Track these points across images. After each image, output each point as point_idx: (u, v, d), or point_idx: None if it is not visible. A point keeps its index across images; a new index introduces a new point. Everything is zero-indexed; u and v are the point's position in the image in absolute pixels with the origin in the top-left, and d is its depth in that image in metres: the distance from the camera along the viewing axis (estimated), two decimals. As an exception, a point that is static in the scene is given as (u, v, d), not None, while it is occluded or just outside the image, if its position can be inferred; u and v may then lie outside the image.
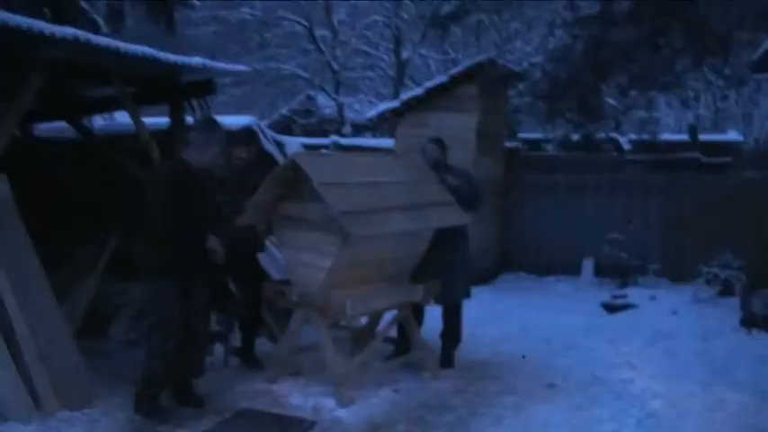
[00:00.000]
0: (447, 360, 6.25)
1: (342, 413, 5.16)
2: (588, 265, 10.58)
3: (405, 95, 10.77)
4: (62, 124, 8.34)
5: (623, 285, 9.76)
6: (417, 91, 10.56)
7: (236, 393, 5.49)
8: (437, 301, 6.16)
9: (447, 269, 6.05)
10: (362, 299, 5.40)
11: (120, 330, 7.12)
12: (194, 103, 7.37)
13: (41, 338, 5.10)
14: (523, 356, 6.62)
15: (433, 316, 6.37)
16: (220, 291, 6.08)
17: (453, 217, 5.90)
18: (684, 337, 7.22)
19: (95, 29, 9.90)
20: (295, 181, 5.37)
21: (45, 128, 9.00)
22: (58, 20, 7.92)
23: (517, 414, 5.18)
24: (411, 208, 5.55)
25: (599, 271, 10.52)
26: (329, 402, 5.25)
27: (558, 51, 9.97)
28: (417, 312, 6.21)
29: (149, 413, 4.98)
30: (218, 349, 6.34)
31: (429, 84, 10.49)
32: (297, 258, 5.51)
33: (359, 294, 5.39)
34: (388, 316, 6.15)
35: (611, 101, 12.96)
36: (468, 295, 6.31)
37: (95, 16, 10.77)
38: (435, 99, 10.39)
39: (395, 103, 10.74)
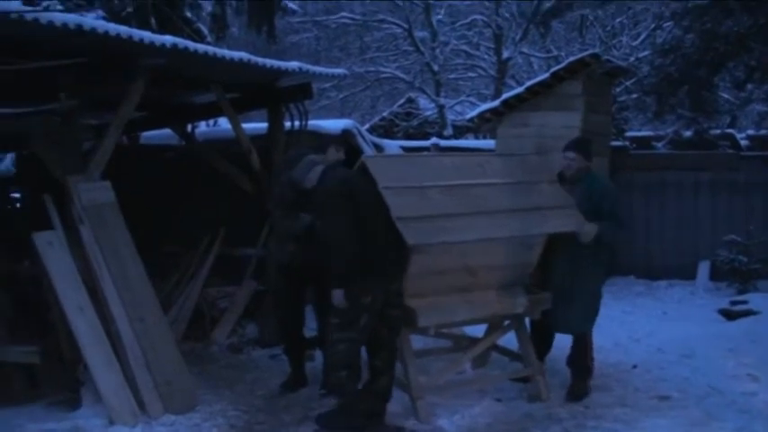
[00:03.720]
0: (571, 392, 5.53)
1: (443, 422, 5.01)
2: (704, 269, 10.03)
3: (506, 95, 10.49)
4: (167, 132, 8.55)
5: (742, 291, 9.17)
6: (518, 90, 10.27)
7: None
8: (556, 328, 5.65)
9: (571, 285, 5.44)
10: (437, 310, 5.06)
11: (224, 334, 7.20)
12: (292, 108, 7.38)
13: (146, 343, 5.17)
14: (634, 366, 6.27)
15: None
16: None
17: (566, 222, 5.33)
18: (813, 346, 6.69)
19: (200, 38, 10.11)
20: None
21: (151, 135, 9.26)
22: (163, 29, 8.14)
23: (627, 428, 4.90)
24: (508, 212, 5.21)
25: (715, 275, 9.95)
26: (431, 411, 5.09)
27: (668, 44, 9.46)
28: (544, 329, 5.73)
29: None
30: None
31: (530, 82, 10.18)
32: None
33: (435, 305, 5.06)
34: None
35: (725, 95, 12.30)
36: (593, 323, 5.63)
37: (200, 25, 11.02)
38: (537, 98, 10.05)
39: (495, 103, 10.47)
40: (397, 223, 4.69)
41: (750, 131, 13.23)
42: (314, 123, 8.06)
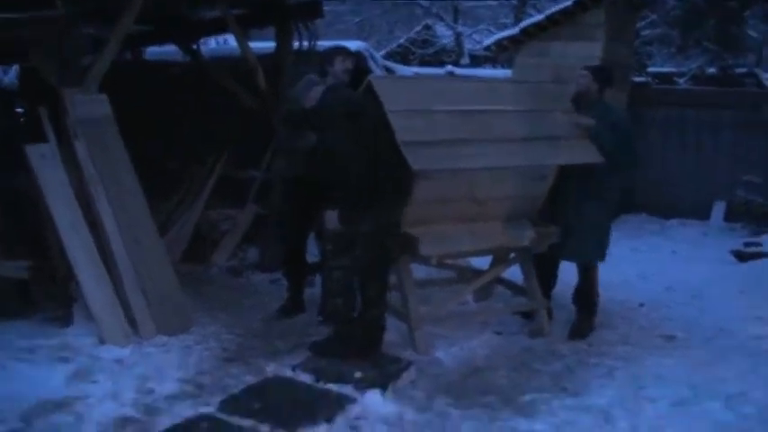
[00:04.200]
0: (575, 329, 5.37)
1: (441, 354, 4.89)
2: (719, 209, 9.81)
3: (525, 22, 10.12)
4: (174, 48, 8.28)
5: (757, 232, 8.95)
6: (538, 17, 9.89)
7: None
8: (562, 256, 5.45)
9: (578, 219, 5.22)
10: (440, 239, 4.83)
11: (224, 257, 7.09)
12: (301, 27, 7.09)
13: (140, 264, 5.05)
14: (641, 304, 6.12)
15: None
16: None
17: (580, 154, 5.07)
18: (827, 291, 6.51)
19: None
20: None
21: (157, 51, 8.99)
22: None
23: (629, 366, 4.76)
24: (519, 141, 4.96)
25: (731, 216, 9.73)
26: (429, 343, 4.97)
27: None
28: (550, 264, 5.57)
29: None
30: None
31: (551, 10, 9.80)
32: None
33: (438, 234, 4.84)
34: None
35: (752, 33, 11.84)
36: (601, 255, 5.39)
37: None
38: (558, 26, 9.70)
39: (514, 31, 10.11)
40: (402, 147, 4.46)
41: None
42: (322, 44, 7.76)
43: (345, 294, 4.72)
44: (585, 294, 5.46)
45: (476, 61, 17.89)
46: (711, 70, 11.26)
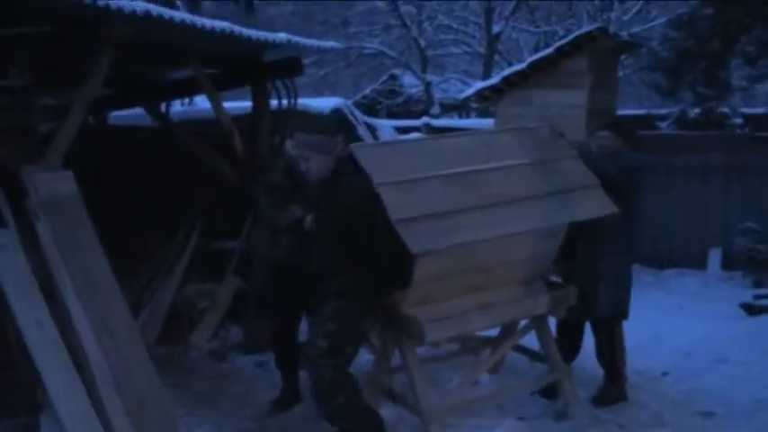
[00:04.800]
0: (598, 396, 5.03)
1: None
2: (715, 257, 9.45)
3: (506, 71, 9.79)
4: (139, 111, 7.73)
5: (758, 282, 8.59)
6: (520, 66, 9.58)
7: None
8: (586, 316, 5.01)
9: (593, 273, 4.89)
10: (447, 318, 4.29)
11: (204, 338, 6.45)
12: (279, 85, 6.62)
13: (116, 361, 4.42)
14: (665, 374, 5.65)
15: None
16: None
17: (593, 206, 4.61)
18: None
19: (172, 7, 9.26)
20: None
21: (120, 116, 8.41)
22: (132, -2, 7.30)
23: (676, 456, 4.26)
24: (526, 200, 4.43)
25: (728, 264, 9.37)
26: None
27: (686, 16, 8.80)
28: (576, 328, 5.15)
29: None
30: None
31: (533, 57, 9.50)
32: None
33: (444, 313, 4.31)
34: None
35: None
36: (622, 311, 5.08)
37: (172, -4, 10.19)
38: (540, 74, 9.41)
39: (495, 80, 9.78)
40: (398, 227, 3.88)
41: (744, 110, 12.62)
42: (300, 102, 7.30)
43: (343, 390, 4.16)
44: (609, 356, 5.04)
45: (445, 110, 17.63)
46: (695, 112, 11.01)
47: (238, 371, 5.91)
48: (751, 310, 7.46)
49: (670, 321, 7.25)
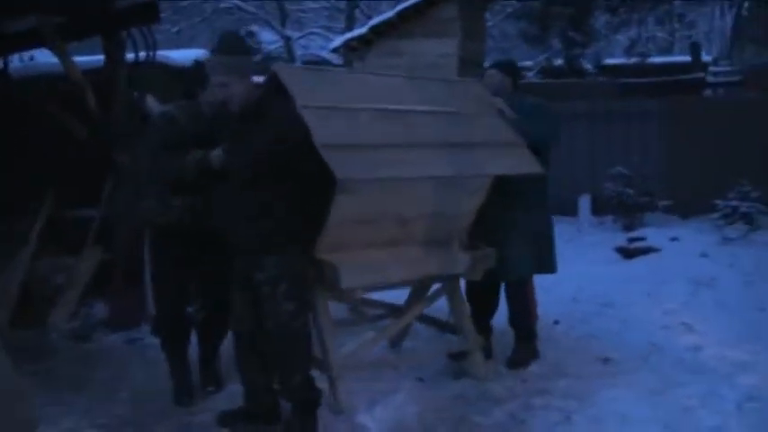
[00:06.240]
0: (514, 358, 4.75)
1: (364, 417, 4.01)
2: (585, 203, 9.59)
3: (374, 20, 9.45)
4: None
5: (629, 225, 8.77)
6: (388, 15, 9.26)
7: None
8: (497, 276, 4.70)
9: (508, 232, 4.62)
10: (365, 268, 3.97)
11: (63, 317, 5.81)
12: (135, 34, 5.98)
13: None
14: (556, 322, 5.56)
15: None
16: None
17: (518, 162, 4.35)
18: (728, 284, 6.28)
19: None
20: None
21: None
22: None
23: (583, 405, 4.10)
24: (453, 147, 4.14)
25: (597, 209, 9.54)
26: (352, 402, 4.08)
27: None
28: (491, 292, 4.91)
29: None
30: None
31: (401, 6, 9.20)
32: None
33: (362, 261, 3.99)
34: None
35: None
36: (538, 268, 4.83)
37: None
38: (409, 23, 9.14)
39: (362, 30, 9.42)
40: (323, 152, 3.53)
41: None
42: (162, 55, 6.70)
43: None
44: (523, 317, 4.85)
45: (307, 67, 17.10)
46: (558, 62, 11.10)
47: (106, 351, 5.36)
48: (627, 253, 7.59)
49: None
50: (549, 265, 4.90)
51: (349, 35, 9.71)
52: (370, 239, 4.06)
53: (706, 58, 14.09)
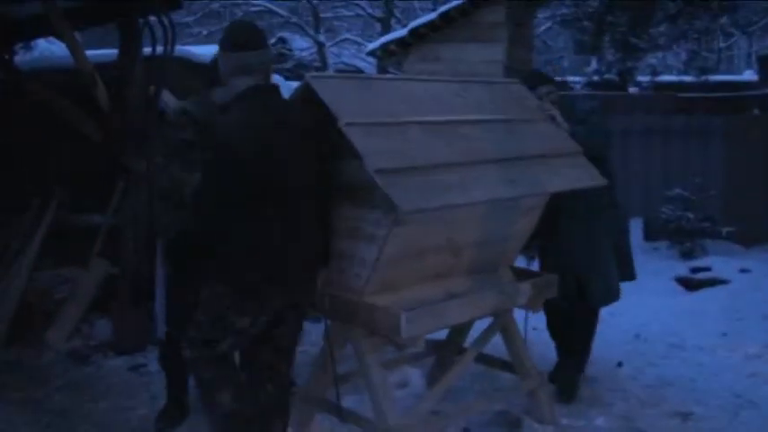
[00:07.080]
0: (564, 388, 4.22)
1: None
2: (637, 228, 8.80)
3: (414, 22, 8.80)
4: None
5: (688, 253, 7.96)
6: (430, 17, 8.60)
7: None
8: (566, 304, 4.16)
9: (577, 257, 4.12)
10: (424, 312, 3.22)
11: (62, 336, 5.21)
12: (155, 23, 5.37)
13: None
14: (619, 364, 4.83)
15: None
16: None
17: (580, 175, 3.73)
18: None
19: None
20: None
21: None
22: None
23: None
24: (508, 161, 3.44)
25: (650, 234, 8.76)
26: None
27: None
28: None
29: None
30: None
31: (445, 7, 8.53)
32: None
33: (418, 303, 3.29)
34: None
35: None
36: (614, 297, 4.38)
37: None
38: (452, 27, 8.48)
39: (402, 33, 8.78)
40: (378, 179, 2.85)
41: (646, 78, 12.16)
42: (183, 49, 6.11)
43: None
44: (585, 347, 4.44)
45: (339, 75, 16.56)
46: (610, 74, 10.34)
47: (106, 377, 4.73)
48: (690, 284, 6.83)
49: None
50: (628, 273, 4.56)
51: (387, 38, 9.07)
52: (421, 273, 3.39)
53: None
